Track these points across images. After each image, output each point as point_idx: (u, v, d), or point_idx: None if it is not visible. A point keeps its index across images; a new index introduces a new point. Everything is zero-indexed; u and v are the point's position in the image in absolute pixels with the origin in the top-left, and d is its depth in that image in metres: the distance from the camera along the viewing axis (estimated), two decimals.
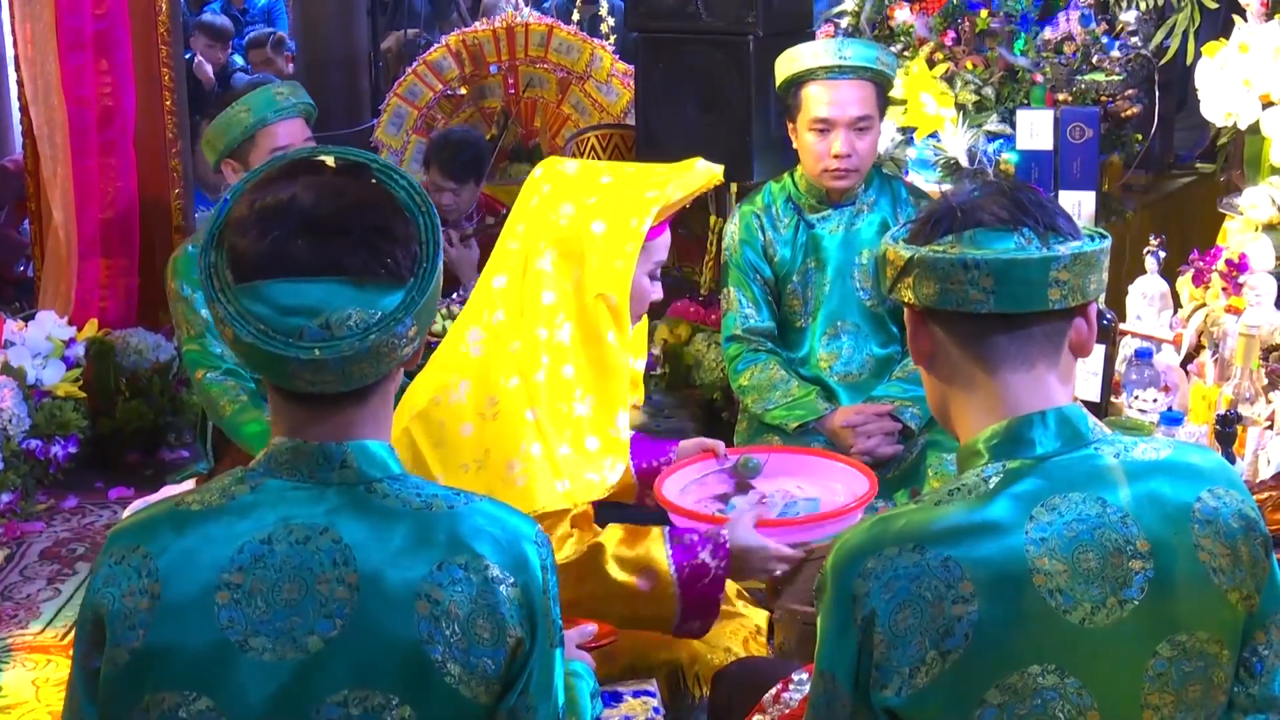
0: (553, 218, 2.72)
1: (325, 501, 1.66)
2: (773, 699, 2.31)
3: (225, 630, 1.61)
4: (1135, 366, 3.65)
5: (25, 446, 4.41)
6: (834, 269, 3.85)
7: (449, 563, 1.64)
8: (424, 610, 1.62)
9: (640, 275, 2.74)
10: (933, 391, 1.82)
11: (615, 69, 6.44)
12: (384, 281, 1.64)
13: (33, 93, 5.07)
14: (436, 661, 1.62)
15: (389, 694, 1.62)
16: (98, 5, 5.09)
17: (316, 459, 1.68)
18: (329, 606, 1.62)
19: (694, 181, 2.77)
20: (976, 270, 1.68)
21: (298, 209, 1.64)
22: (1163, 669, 1.65)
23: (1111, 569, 1.64)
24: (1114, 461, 1.70)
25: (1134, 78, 4.49)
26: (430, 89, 6.50)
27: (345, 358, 1.61)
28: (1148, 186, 5.02)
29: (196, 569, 1.63)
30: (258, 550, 1.63)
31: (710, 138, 4.60)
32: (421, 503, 1.68)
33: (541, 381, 2.69)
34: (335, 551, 1.63)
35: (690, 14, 4.59)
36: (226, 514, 1.66)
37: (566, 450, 2.69)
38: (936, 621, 1.61)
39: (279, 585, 1.62)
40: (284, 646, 1.61)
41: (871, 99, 3.75)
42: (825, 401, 3.79)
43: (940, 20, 4.61)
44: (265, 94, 3.86)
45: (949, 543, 1.63)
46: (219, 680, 1.61)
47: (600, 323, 2.70)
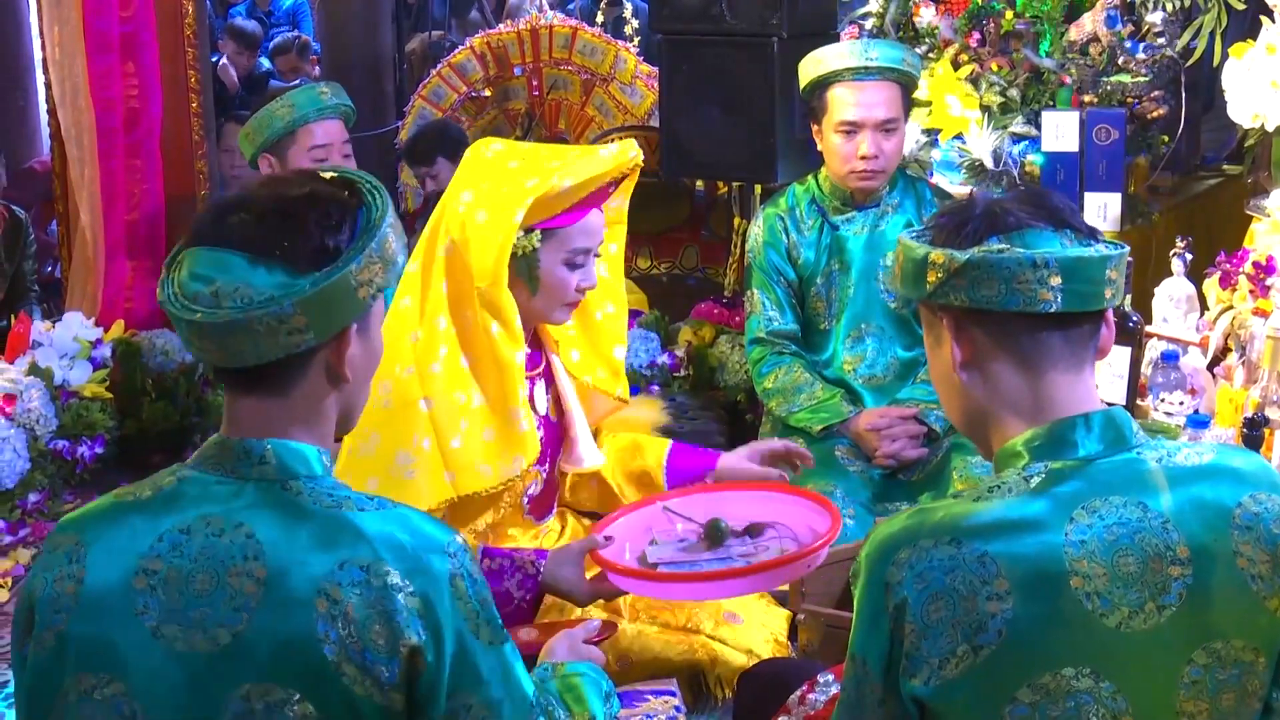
0: (455, 205, 2.71)
1: (243, 496, 1.69)
2: (798, 700, 2.31)
3: (140, 616, 1.66)
4: (1161, 369, 3.63)
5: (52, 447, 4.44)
6: (858, 271, 3.84)
7: (350, 564, 1.64)
8: (323, 609, 1.63)
9: (552, 265, 2.72)
10: (965, 399, 1.79)
11: (639, 71, 6.44)
12: (278, 264, 1.67)
13: (60, 95, 5.09)
14: (332, 661, 1.63)
15: (289, 689, 1.64)
16: (124, 8, 5.11)
17: (238, 454, 1.72)
18: (237, 600, 1.64)
19: (591, 169, 2.72)
20: (1046, 269, 1.67)
21: (250, 192, 1.73)
22: (1198, 676, 1.64)
23: (1151, 574, 1.64)
24: (1156, 466, 1.69)
25: (1160, 79, 4.47)
26: (455, 91, 6.51)
27: (220, 326, 1.65)
28: (1174, 188, 5.00)
29: (120, 556, 1.68)
30: (176, 540, 1.67)
31: (734, 140, 4.59)
32: (333, 503, 1.70)
33: (438, 372, 2.70)
34: (247, 546, 1.66)
35: (714, 16, 4.59)
36: (153, 505, 1.71)
37: (458, 443, 2.69)
38: (970, 616, 1.61)
39: (193, 576, 1.66)
40: (194, 637, 1.65)
41: (898, 100, 3.74)
42: (850, 404, 3.78)
43: (965, 21, 4.60)
44: (309, 92, 3.93)
45: (986, 538, 1.63)
46: (132, 665, 1.66)
47: (483, 316, 2.68)
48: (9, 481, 4.20)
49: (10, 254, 5.52)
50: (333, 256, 1.68)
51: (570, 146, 2.85)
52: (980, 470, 3.47)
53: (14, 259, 5.53)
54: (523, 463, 2.75)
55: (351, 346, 1.73)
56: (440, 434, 2.68)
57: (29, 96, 7.36)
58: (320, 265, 1.67)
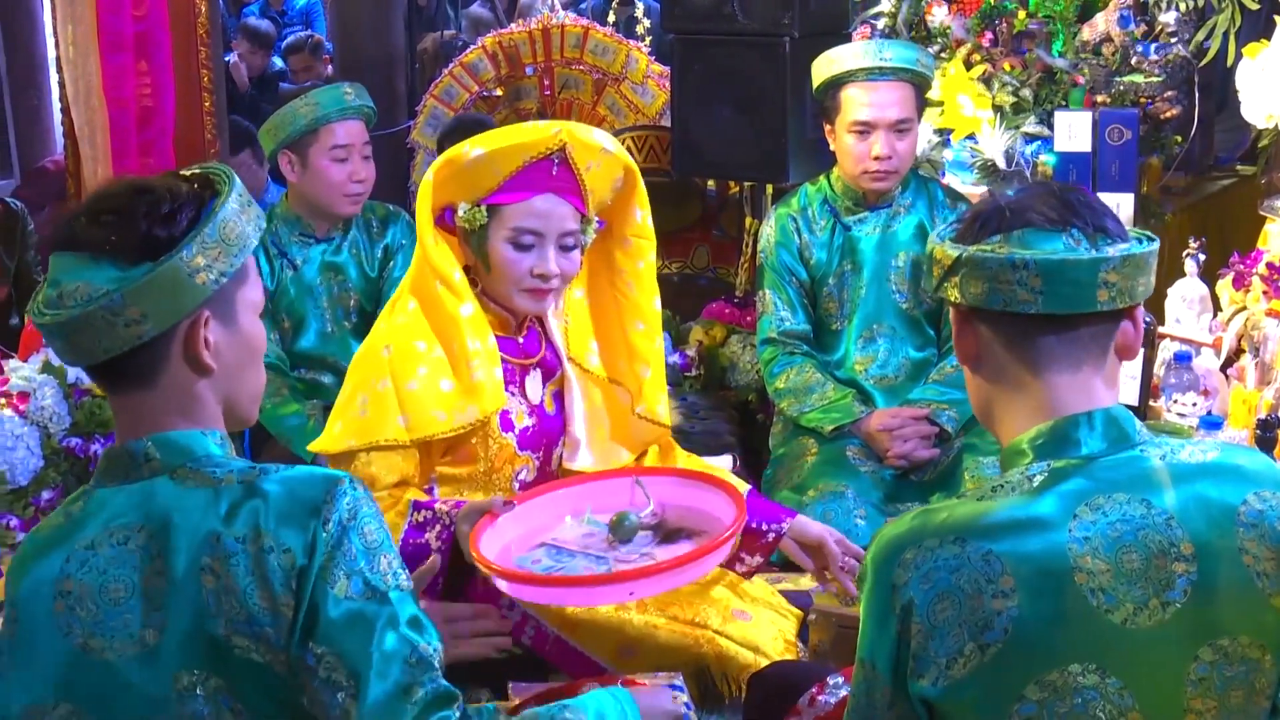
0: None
1: (139, 499, 1.72)
2: (808, 702, 2.31)
3: (67, 637, 1.69)
4: (1174, 370, 3.63)
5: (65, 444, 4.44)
6: (870, 272, 3.84)
7: (227, 536, 1.67)
8: (210, 584, 1.66)
9: (497, 244, 2.77)
10: (976, 392, 1.82)
11: (651, 70, 6.44)
12: (108, 259, 1.69)
13: (73, 94, 5.10)
14: (222, 635, 1.65)
15: (195, 670, 1.67)
16: (138, 7, 5.12)
17: (125, 460, 1.75)
18: (157, 600, 1.67)
19: (508, 138, 2.76)
20: (1025, 270, 1.68)
21: (96, 193, 1.78)
22: (1204, 673, 1.64)
23: (1155, 570, 1.64)
24: (1160, 464, 1.70)
25: (1173, 79, 4.47)
26: (466, 90, 6.51)
27: (64, 324, 1.68)
28: (1187, 189, 4.99)
29: (39, 586, 1.72)
30: (83, 557, 1.70)
31: (746, 139, 4.59)
32: (216, 479, 1.71)
33: (402, 323, 2.79)
34: (150, 546, 1.69)
35: (726, 16, 4.58)
36: (63, 530, 1.74)
37: (414, 386, 2.75)
38: (975, 614, 1.62)
39: (105, 587, 1.69)
40: (123, 644, 1.68)
41: (911, 101, 3.74)
42: (861, 405, 3.78)
43: (978, 21, 4.59)
44: (333, 92, 3.97)
45: (991, 537, 1.64)
46: (74, 684, 1.69)
47: (430, 279, 2.78)
48: (23, 479, 4.21)
49: (10, 248, 5.52)
50: (165, 246, 1.69)
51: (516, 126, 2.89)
52: (991, 471, 3.46)
53: (14, 253, 5.53)
54: (476, 412, 2.76)
55: (211, 333, 1.75)
56: (397, 377, 2.74)
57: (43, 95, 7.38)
58: (153, 256, 1.69)
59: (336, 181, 3.98)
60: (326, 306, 4.07)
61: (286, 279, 4.04)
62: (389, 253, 4.16)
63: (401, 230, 4.18)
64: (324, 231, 4.07)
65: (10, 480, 4.16)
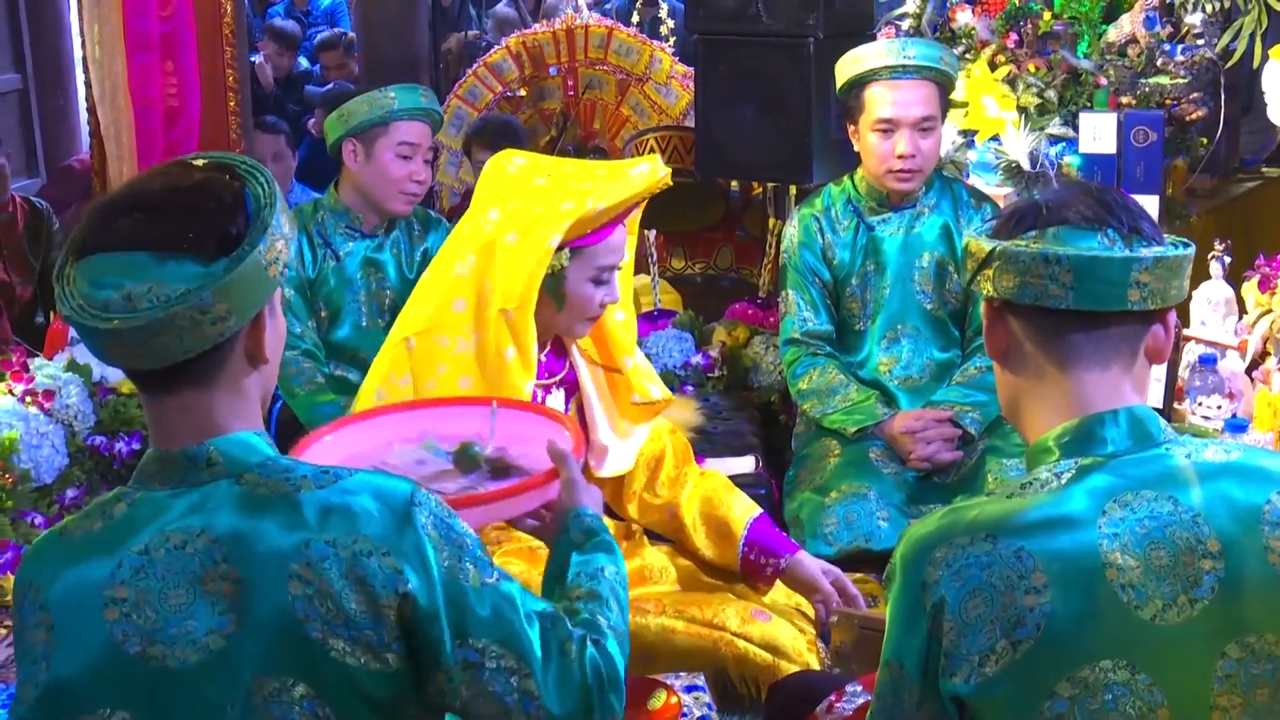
0: (481, 222, 2.70)
1: (199, 503, 1.68)
2: (825, 709, 2.31)
3: (122, 644, 1.64)
4: (1199, 373, 3.61)
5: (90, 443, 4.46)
6: (894, 272, 3.83)
7: (316, 540, 1.65)
8: (297, 590, 1.64)
9: (579, 283, 2.71)
10: (1004, 388, 1.84)
11: (675, 71, 6.44)
12: (186, 256, 1.65)
13: (99, 93, 5.13)
14: (317, 639, 1.64)
15: (284, 676, 1.65)
16: (164, 7, 5.14)
17: (181, 464, 1.70)
18: (220, 604, 1.65)
19: (624, 190, 2.70)
20: (1058, 265, 1.70)
21: (134, 191, 1.71)
22: (1231, 670, 1.65)
23: (1183, 567, 1.65)
24: (1185, 462, 1.71)
25: (1199, 81, 4.44)
26: (490, 90, 6.52)
27: (142, 328, 1.63)
28: (1212, 191, 4.96)
29: (82, 593, 1.66)
30: (137, 563, 1.66)
31: (769, 140, 4.59)
32: (291, 486, 1.69)
33: (432, 389, 2.69)
34: (214, 550, 1.65)
35: (750, 16, 4.58)
36: (105, 535, 1.69)
37: (432, 385, 2.70)
38: (1008, 611, 1.62)
39: (165, 594, 1.65)
40: (184, 651, 1.64)
41: (935, 99, 3.73)
42: (884, 406, 3.77)
43: (1002, 22, 4.58)
44: (410, 91, 4.06)
45: (1022, 534, 1.65)
46: (130, 693, 1.65)
47: (500, 339, 2.66)
48: (47, 477, 4.23)
49: (35, 247, 5.55)
50: (236, 241, 1.67)
51: (594, 163, 2.82)
52: (1015, 473, 3.45)
53: (39, 252, 5.56)
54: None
55: (265, 327, 1.74)
56: (417, 375, 2.70)
57: (69, 95, 7.42)
58: (228, 251, 1.67)
59: (397, 178, 4.00)
60: (364, 300, 4.09)
61: (328, 269, 4.05)
62: (427, 257, 4.17)
63: (441, 237, 4.18)
64: (370, 227, 4.09)
65: (35, 478, 4.18)
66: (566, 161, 2.84)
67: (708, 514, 3.03)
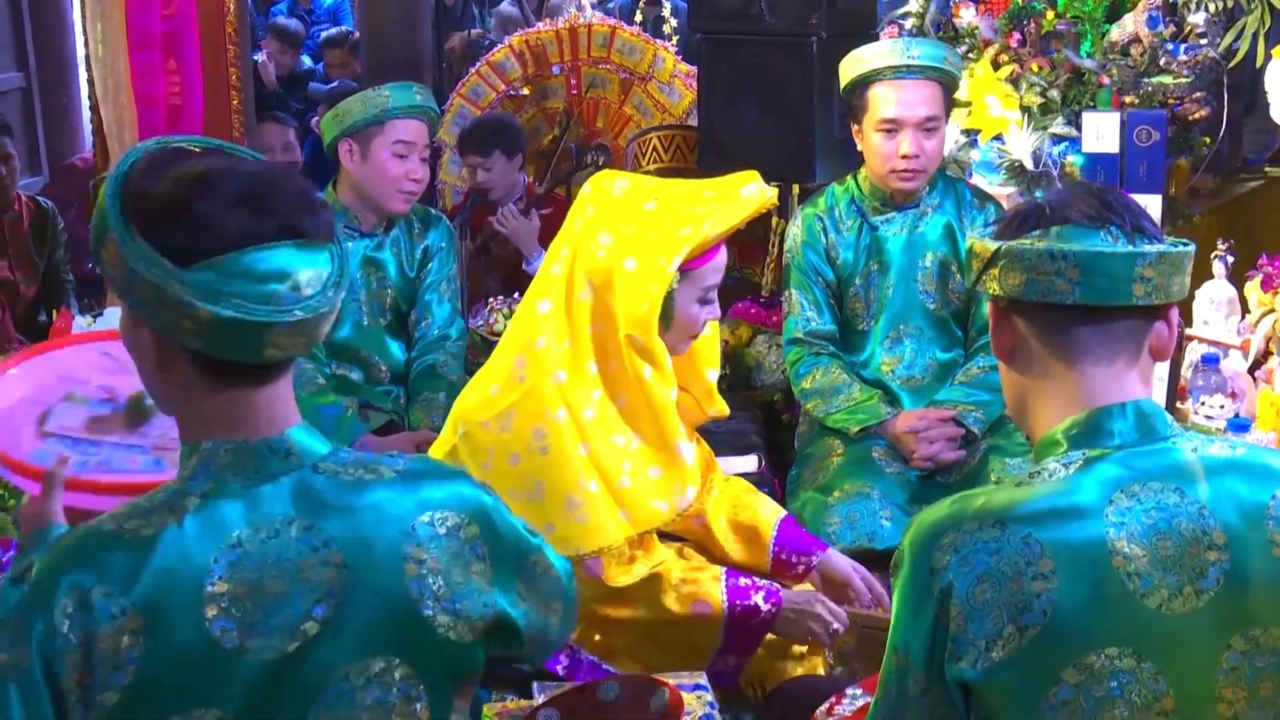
0: (592, 246, 2.70)
1: (281, 492, 1.68)
2: (825, 712, 2.32)
3: (221, 641, 1.62)
4: (1202, 372, 3.61)
5: None
6: (897, 272, 3.83)
7: (420, 525, 1.71)
8: (413, 572, 1.69)
9: (687, 304, 2.72)
10: (1010, 387, 1.86)
11: (678, 70, 6.44)
12: (321, 243, 1.69)
13: (102, 92, 5.13)
14: (429, 617, 1.69)
15: (389, 657, 1.68)
16: (166, 5, 5.14)
17: (262, 454, 1.69)
18: (319, 590, 1.65)
19: (738, 213, 2.71)
20: (1063, 261, 1.73)
21: (230, 183, 1.66)
22: (1236, 662, 1.67)
23: (1189, 558, 1.67)
24: (1192, 456, 1.73)
25: (1202, 80, 4.44)
26: (493, 89, 6.52)
27: (321, 316, 1.67)
28: (1215, 190, 4.96)
29: (176, 592, 1.61)
30: (232, 557, 1.64)
31: (773, 139, 4.59)
32: (370, 472, 1.73)
33: (591, 418, 2.69)
34: (311, 537, 1.66)
35: (753, 15, 4.58)
36: (189, 531, 1.64)
37: (627, 482, 2.70)
38: (1015, 597, 1.64)
39: (263, 584, 1.64)
40: (283, 640, 1.64)
41: (939, 99, 3.73)
42: (888, 406, 3.77)
43: (1005, 22, 4.58)
44: (405, 89, 4.03)
45: (1030, 522, 1.67)
46: (224, 689, 1.62)
47: (634, 362, 2.68)
48: None
49: (40, 246, 5.55)
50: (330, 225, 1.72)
51: (699, 183, 2.82)
52: (1018, 472, 3.44)
53: (44, 251, 5.56)
54: (692, 493, 2.78)
55: None
56: (606, 476, 2.69)
57: (71, 93, 7.42)
58: (334, 238, 1.72)
59: (393, 176, 3.98)
60: (364, 300, 4.07)
61: None
62: (428, 254, 4.16)
63: (441, 234, 4.18)
64: (369, 226, 4.07)
65: None
66: (671, 183, 2.83)
67: (734, 520, 3.03)
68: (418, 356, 4.12)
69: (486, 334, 4.56)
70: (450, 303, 4.17)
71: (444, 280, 4.16)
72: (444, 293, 4.15)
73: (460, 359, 4.16)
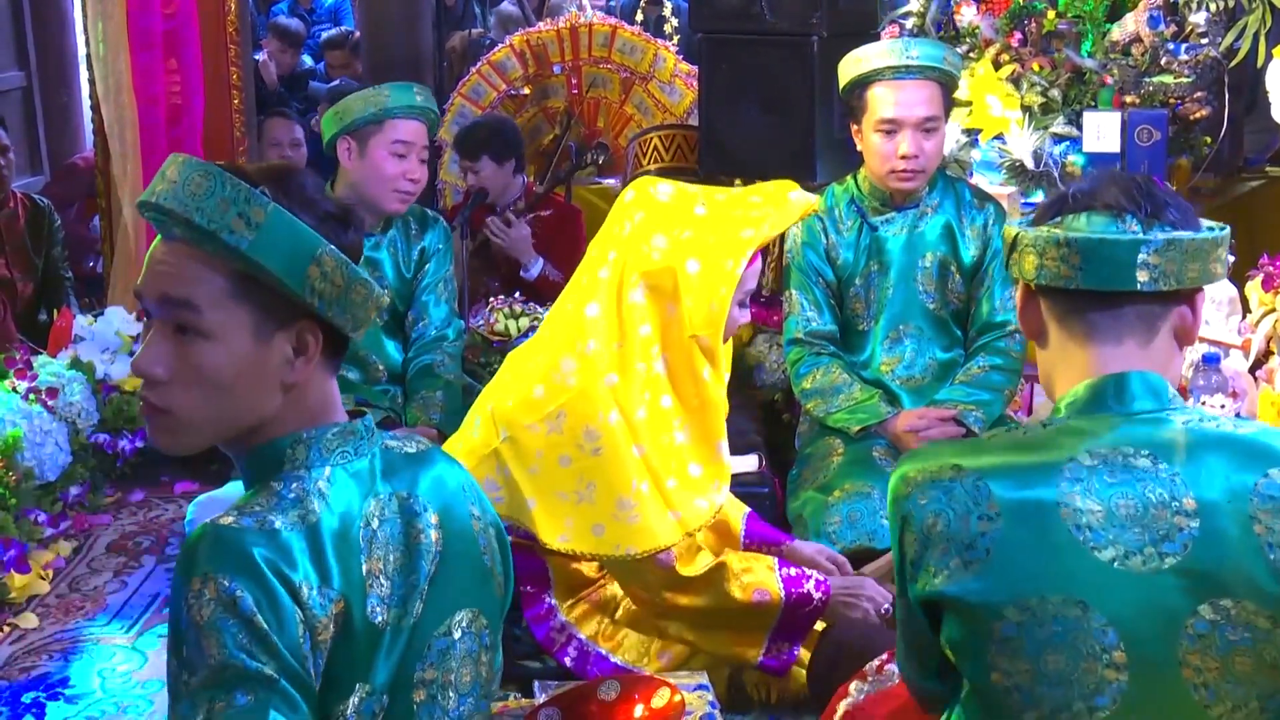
0: (645, 249, 2.72)
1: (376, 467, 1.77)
2: (875, 670, 2.33)
3: (371, 617, 1.68)
4: (1202, 372, 3.61)
5: (94, 440, 4.47)
6: (897, 272, 3.83)
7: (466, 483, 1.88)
8: (477, 527, 1.86)
9: (731, 306, 2.75)
10: (1040, 364, 1.95)
11: (678, 69, 6.45)
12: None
13: (103, 91, 5.14)
14: (489, 567, 1.86)
15: (472, 609, 1.81)
16: (167, 5, 5.15)
17: (359, 433, 1.77)
18: (430, 552, 1.75)
19: (790, 217, 2.80)
20: (1067, 248, 1.80)
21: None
22: (1204, 630, 1.70)
23: (1153, 520, 1.72)
24: (1180, 427, 1.78)
25: (1203, 80, 4.44)
26: (494, 89, 6.53)
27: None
28: (1216, 190, 4.95)
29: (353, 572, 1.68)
30: (367, 534, 1.70)
31: (773, 139, 4.59)
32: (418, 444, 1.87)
33: (643, 418, 2.73)
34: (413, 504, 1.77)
35: (754, 15, 4.58)
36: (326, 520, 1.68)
37: (673, 482, 2.72)
38: (962, 534, 1.74)
39: (391, 557, 1.72)
40: (413, 607, 1.72)
41: (938, 99, 3.73)
42: (888, 405, 3.77)
43: (1006, 21, 4.58)
44: (407, 89, 4.03)
45: (986, 469, 1.77)
46: (373, 664, 1.68)
47: (695, 361, 2.73)
48: (51, 474, 4.24)
49: (37, 244, 5.56)
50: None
51: (743, 190, 2.89)
52: None
53: (41, 249, 5.57)
54: (725, 491, 2.84)
55: None
56: (656, 476, 2.73)
57: (72, 92, 7.42)
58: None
59: (390, 175, 3.97)
60: None
61: None
62: (424, 256, 4.16)
63: (438, 235, 4.18)
64: (366, 226, 4.06)
65: (39, 475, 4.19)
66: (714, 189, 2.89)
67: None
68: (414, 356, 4.13)
69: (487, 333, 4.57)
70: (447, 303, 4.17)
71: (441, 281, 4.16)
72: (441, 293, 4.15)
73: (457, 359, 4.17)
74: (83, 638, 3.64)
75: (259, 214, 1.64)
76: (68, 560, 4.10)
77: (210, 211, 1.64)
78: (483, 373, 4.46)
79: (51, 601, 3.86)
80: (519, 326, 4.59)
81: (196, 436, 1.73)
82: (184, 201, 1.65)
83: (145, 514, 4.46)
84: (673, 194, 2.79)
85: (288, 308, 1.69)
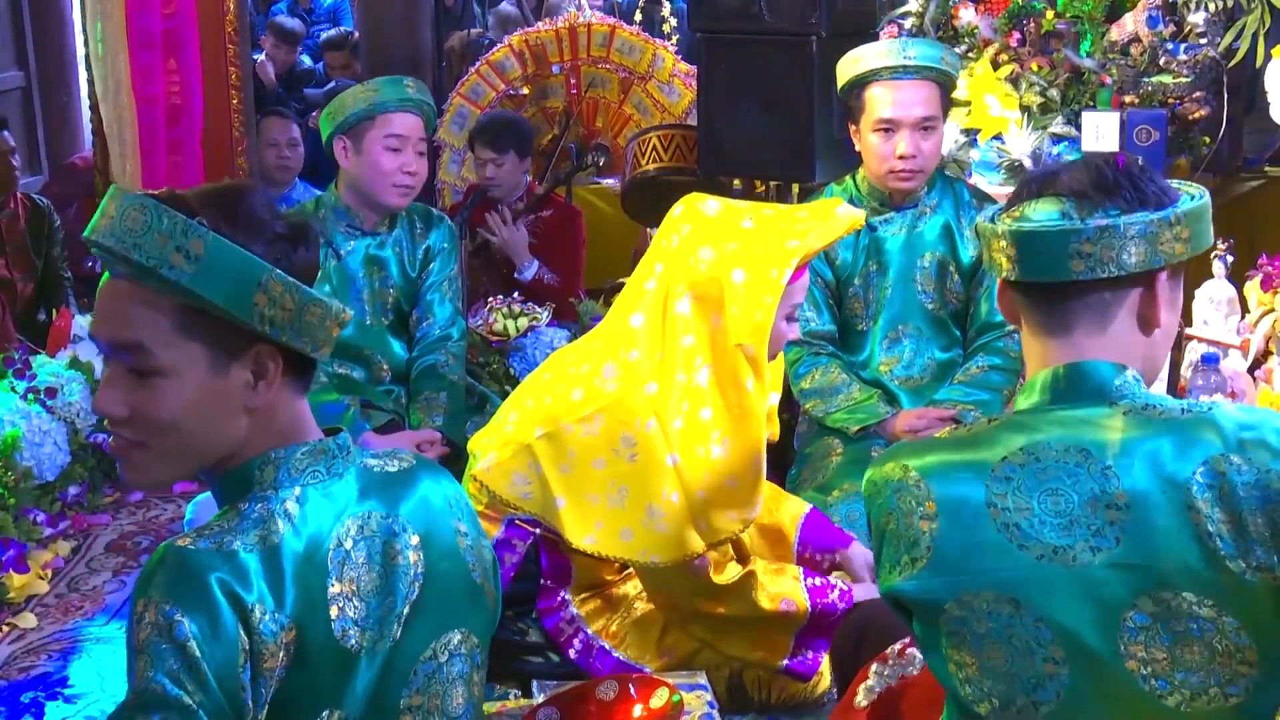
0: (691, 261, 2.74)
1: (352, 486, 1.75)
2: (897, 654, 2.33)
3: (343, 641, 1.65)
4: (1201, 372, 3.62)
5: (92, 440, 4.47)
6: (896, 272, 3.83)
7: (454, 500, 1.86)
8: (462, 544, 1.83)
9: (778, 319, 2.76)
10: (1023, 351, 1.95)
11: (677, 69, 6.45)
12: None
13: (102, 91, 5.14)
14: (479, 584, 1.84)
15: (461, 629, 1.79)
16: (166, 5, 5.15)
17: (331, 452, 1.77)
18: (409, 574, 1.73)
19: (837, 229, 2.80)
20: (1005, 241, 1.81)
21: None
22: (1145, 623, 1.69)
23: (1086, 515, 1.71)
24: (1120, 419, 1.76)
25: (1202, 80, 4.44)
26: (493, 89, 6.53)
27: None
28: (1215, 190, 4.94)
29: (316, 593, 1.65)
30: (338, 556, 1.67)
31: (772, 139, 4.59)
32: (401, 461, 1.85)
33: (679, 428, 2.73)
34: (391, 524, 1.74)
35: (753, 15, 4.58)
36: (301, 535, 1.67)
37: (704, 494, 2.72)
38: (908, 532, 1.78)
39: (366, 580, 1.70)
40: (391, 630, 1.71)
41: (936, 99, 3.73)
42: (887, 405, 3.78)
43: (1005, 21, 4.58)
44: (395, 83, 4.00)
45: (928, 467, 1.80)
46: (345, 689, 1.66)
47: (740, 371, 2.72)
48: (50, 474, 4.24)
49: (37, 244, 5.55)
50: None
51: (790, 206, 2.92)
52: None
53: (41, 249, 5.56)
54: (760, 505, 2.82)
55: None
56: (688, 487, 2.72)
57: (72, 92, 7.42)
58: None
59: (387, 170, 3.94)
60: (367, 299, 4.05)
61: (330, 267, 3.98)
62: (430, 254, 4.15)
63: (443, 234, 4.17)
64: (371, 224, 4.05)
65: (38, 475, 4.19)
66: (761, 205, 2.90)
67: (759, 523, 3.07)
68: (418, 356, 4.12)
69: (486, 333, 4.57)
70: (452, 303, 4.16)
71: (445, 280, 4.15)
72: (445, 293, 4.15)
73: (461, 359, 4.16)
74: (81, 637, 3.64)
75: (198, 245, 1.60)
76: (66, 560, 4.10)
77: (148, 248, 1.60)
78: (482, 373, 4.46)
79: (50, 601, 3.86)
80: (518, 326, 4.59)
81: (166, 472, 1.71)
82: (121, 238, 1.61)
83: (144, 514, 4.46)
84: (720, 209, 2.80)
85: (240, 336, 1.66)
